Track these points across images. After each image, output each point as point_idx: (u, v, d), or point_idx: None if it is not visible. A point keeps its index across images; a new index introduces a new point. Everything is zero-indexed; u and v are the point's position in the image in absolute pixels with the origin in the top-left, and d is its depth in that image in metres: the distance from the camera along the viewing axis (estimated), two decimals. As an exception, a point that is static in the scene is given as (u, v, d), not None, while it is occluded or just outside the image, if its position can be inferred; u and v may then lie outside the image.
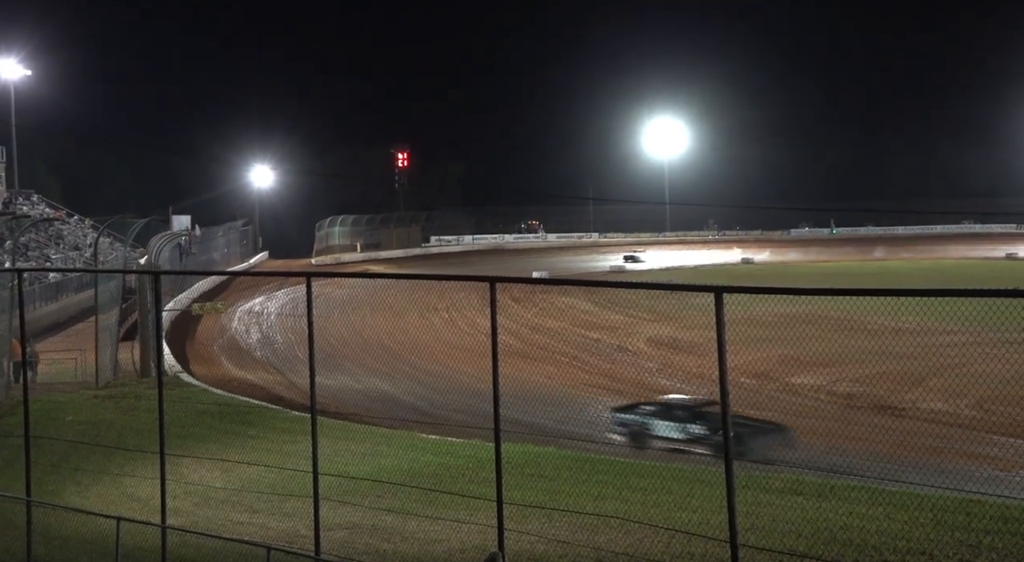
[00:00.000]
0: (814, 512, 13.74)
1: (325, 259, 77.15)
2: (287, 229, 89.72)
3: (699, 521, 12.88)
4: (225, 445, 20.63)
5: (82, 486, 17.47)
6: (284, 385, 32.30)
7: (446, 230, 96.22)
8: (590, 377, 32.12)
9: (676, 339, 36.75)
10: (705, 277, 66.96)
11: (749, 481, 14.50)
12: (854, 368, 28.50)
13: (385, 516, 14.64)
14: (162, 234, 44.38)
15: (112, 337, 32.98)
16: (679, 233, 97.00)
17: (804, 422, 22.15)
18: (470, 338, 39.81)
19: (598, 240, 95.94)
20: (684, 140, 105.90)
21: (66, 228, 64.71)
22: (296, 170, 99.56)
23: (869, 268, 68.66)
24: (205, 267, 59.03)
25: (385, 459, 18.85)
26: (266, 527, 14.88)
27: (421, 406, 28.28)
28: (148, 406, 23.68)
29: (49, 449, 17.78)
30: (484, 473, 14.53)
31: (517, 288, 48.57)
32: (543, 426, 22.15)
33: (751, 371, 29.45)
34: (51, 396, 26.94)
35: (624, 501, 14.82)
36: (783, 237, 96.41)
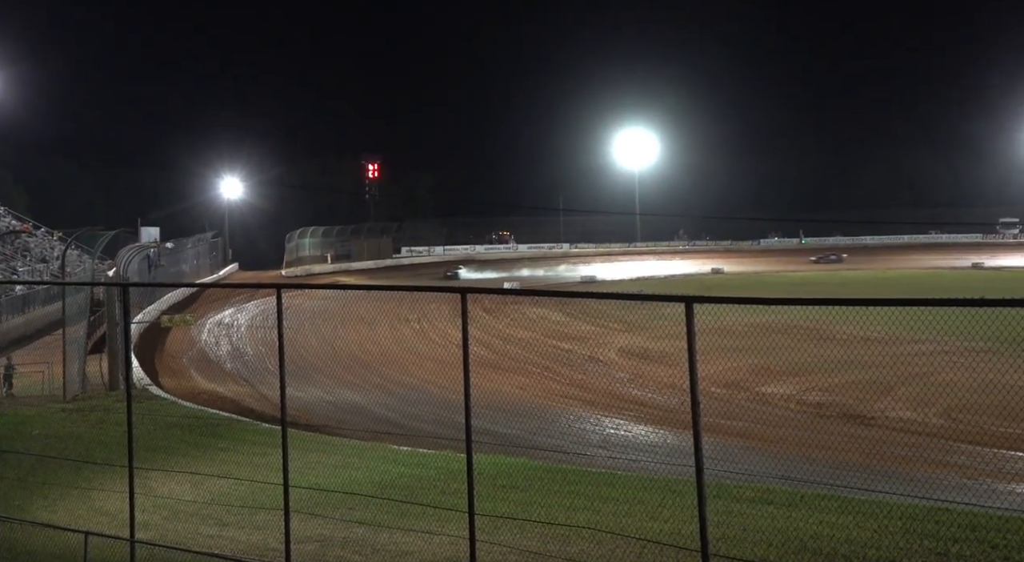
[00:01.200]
0: (784, 521, 13.81)
1: (296, 271, 76.88)
2: (257, 241, 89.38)
3: (671, 531, 12.91)
4: (195, 458, 20.48)
5: (50, 500, 17.29)
6: (254, 397, 32.13)
7: (417, 241, 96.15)
8: (562, 387, 32.15)
9: (647, 349, 36.87)
10: (676, 287, 67.20)
11: (720, 490, 14.55)
12: (824, 377, 28.69)
13: (356, 528, 14.58)
14: (130, 246, 44.09)
15: (80, 350, 32.71)
16: (650, 243, 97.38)
17: (774, 431, 22.27)
18: (441, 349, 39.78)
19: (569, 251, 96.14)
20: (655, 151, 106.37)
21: (33, 240, 64.13)
22: (266, 181, 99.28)
23: (838, 277, 69.16)
24: (174, 279, 58.63)
25: (356, 471, 18.78)
26: (236, 540, 14.78)
27: (392, 417, 28.20)
28: (117, 419, 23.50)
29: (16, 463, 17.60)
30: (456, 484, 14.53)
31: (488, 299, 48.58)
32: (515, 437, 22.17)
33: (722, 381, 29.58)
34: (18, 409, 26.69)
35: (596, 512, 14.83)
36: (753, 247, 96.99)
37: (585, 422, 27.19)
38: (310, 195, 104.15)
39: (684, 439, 20.30)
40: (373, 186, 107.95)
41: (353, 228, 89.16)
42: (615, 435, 25.81)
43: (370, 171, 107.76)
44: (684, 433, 21.33)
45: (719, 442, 20.16)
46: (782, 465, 18.26)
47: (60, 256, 47.80)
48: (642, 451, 22.66)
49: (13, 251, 58.04)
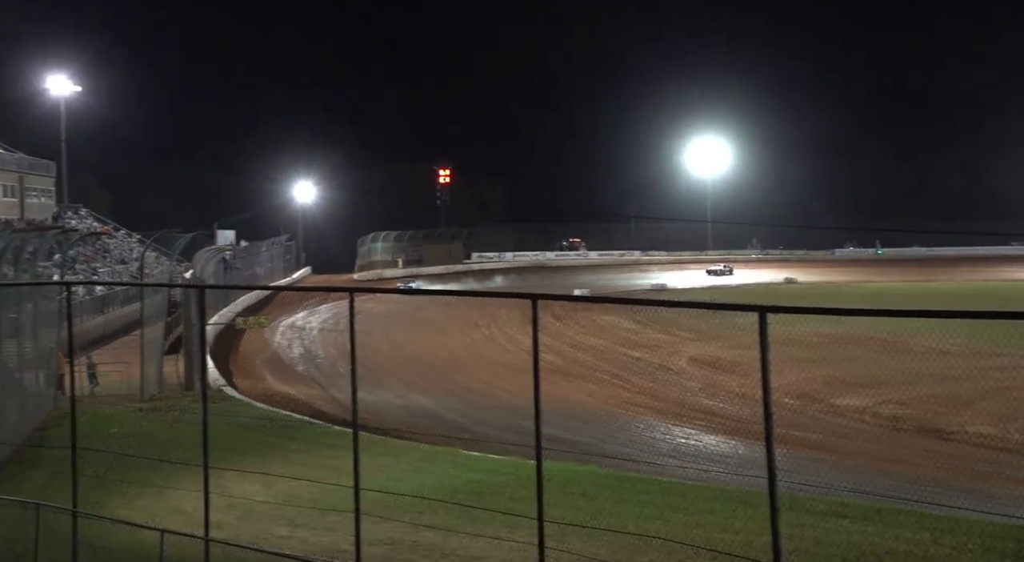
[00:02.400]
0: (859, 536, 13.59)
1: (367, 274, 77.53)
2: (330, 245, 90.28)
3: (742, 542, 12.78)
4: (267, 459, 20.75)
5: (127, 498, 17.63)
6: (326, 400, 32.46)
7: (488, 246, 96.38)
8: (631, 396, 31.99)
9: (718, 359, 36.53)
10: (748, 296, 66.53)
11: (792, 503, 14.36)
12: (900, 390, 28.15)
13: (426, 532, 14.65)
14: (207, 248, 44.81)
15: (157, 350, 33.31)
16: (722, 252, 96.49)
17: (848, 444, 21.94)
18: (511, 355, 39.83)
19: (640, 258, 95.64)
20: (727, 158, 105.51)
21: (113, 242, 65.58)
22: (339, 186, 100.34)
23: (915, 289, 67.91)
24: (249, 282, 59.52)
25: (426, 475, 18.88)
26: (307, 542, 14.94)
27: (462, 422, 28.30)
28: (192, 419, 23.91)
29: (95, 461, 17.95)
30: (525, 491, 14.53)
31: (559, 306, 48.57)
32: (584, 444, 22.11)
33: (795, 392, 29.18)
34: (97, 408, 27.26)
35: (666, 521, 14.73)
36: (827, 257, 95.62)
37: (655, 431, 27.03)
38: (382, 200, 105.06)
39: (755, 450, 20.08)
40: (445, 191, 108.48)
41: (424, 233, 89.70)
42: (685, 444, 25.61)
43: (442, 176, 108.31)
44: (755, 444, 21.12)
45: (791, 454, 19.89)
46: (856, 478, 17.98)
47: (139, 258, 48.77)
48: (713, 461, 22.45)
49: (94, 252, 59.40)
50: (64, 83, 74.01)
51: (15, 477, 19.54)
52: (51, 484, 18.24)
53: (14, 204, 63.95)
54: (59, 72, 74.26)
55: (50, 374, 26.14)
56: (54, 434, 23.28)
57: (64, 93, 73.97)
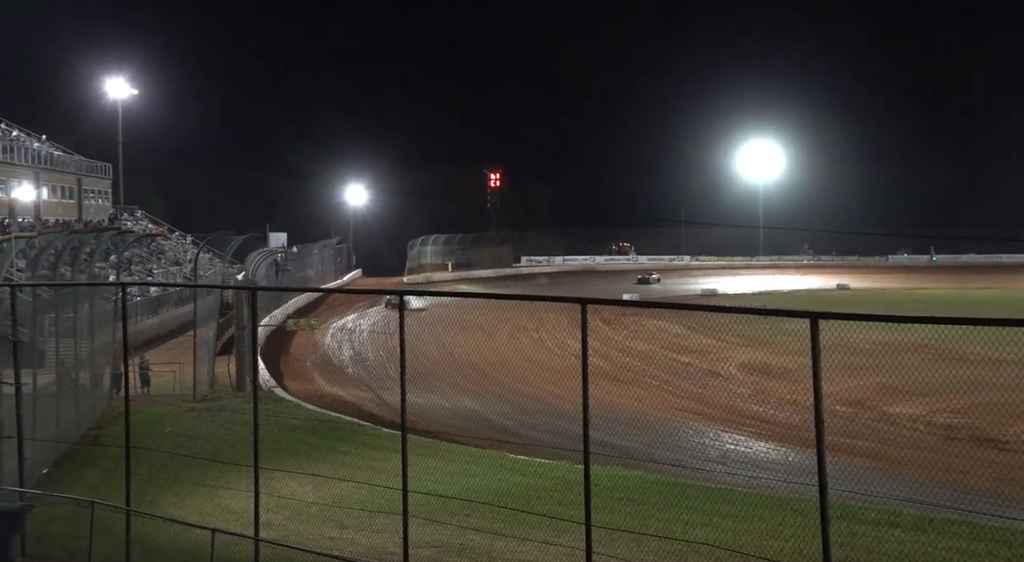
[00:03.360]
0: (911, 545, 13.42)
1: (417, 278, 77.86)
2: (380, 247, 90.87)
3: (791, 550, 12.68)
4: (317, 460, 20.93)
5: (179, 497, 17.86)
6: (375, 402, 32.62)
7: (537, 250, 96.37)
8: (680, 401, 31.81)
9: (768, 365, 36.21)
10: (799, 302, 65.93)
11: (844, 511, 14.22)
12: (954, 399, 27.72)
13: (473, 535, 14.68)
14: (259, 250, 45.24)
15: (210, 351, 33.70)
16: (773, 257, 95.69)
17: (901, 452, 21.66)
18: (559, 359, 39.75)
19: (690, 263, 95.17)
20: (779, 163, 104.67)
21: (167, 244, 66.46)
22: (389, 189, 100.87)
23: (970, 296, 66.88)
24: (300, 283, 60.02)
25: (474, 478, 18.92)
26: (356, 543, 15.04)
27: (510, 426, 28.31)
28: (243, 420, 24.17)
29: (148, 460, 18.21)
30: (572, 495, 14.51)
31: (607, 310, 48.37)
32: (632, 449, 22.00)
33: (846, 399, 28.87)
34: (150, 408, 27.64)
35: (714, 528, 14.64)
36: (880, 263, 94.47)
37: (703, 437, 26.85)
38: (432, 203, 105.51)
39: (806, 457, 19.89)
40: (495, 195, 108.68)
41: (474, 237, 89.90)
42: (734, 451, 25.42)
43: (492, 180, 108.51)
44: (805, 451, 20.92)
45: (842, 461, 19.67)
46: (909, 487, 17.74)
47: (192, 259, 49.37)
48: (762, 468, 22.26)
49: (149, 254, 60.22)
50: (122, 86, 75.15)
51: (70, 475, 19.87)
52: (105, 482, 18.52)
53: (72, 206, 65.04)
54: (117, 75, 75.42)
55: (97, 374, 26.51)
56: (108, 433, 23.64)
57: (121, 96, 75.11)
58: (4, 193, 53.85)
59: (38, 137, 65.66)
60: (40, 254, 27.80)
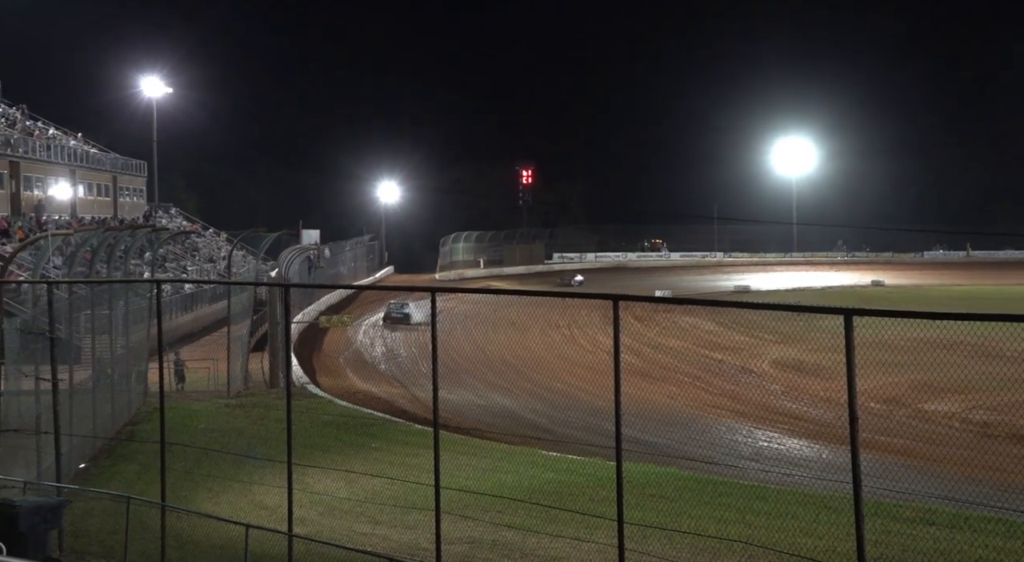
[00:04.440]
0: (947, 543, 13.31)
1: (449, 274, 77.99)
2: (412, 244, 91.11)
3: (825, 548, 12.61)
4: (349, 456, 21.01)
5: (213, 492, 17.99)
6: (407, 398, 32.73)
7: (569, 247, 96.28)
8: (713, 398, 31.69)
9: (802, 362, 36.01)
10: (833, 299, 65.47)
11: (878, 508, 14.12)
12: (991, 396, 27.46)
13: (505, 532, 14.70)
14: (292, 248, 45.48)
15: (243, 348, 33.93)
16: (807, 254, 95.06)
17: (936, 450, 21.47)
18: (591, 355, 39.68)
19: (723, 260, 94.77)
20: (813, 159, 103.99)
21: (201, 241, 66.92)
22: (422, 186, 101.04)
23: (1007, 293, 66.17)
24: (333, 280, 60.27)
25: (506, 475, 18.94)
26: (388, 539, 15.10)
27: (542, 423, 28.31)
28: (276, 416, 24.30)
29: (183, 455, 18.36)
30: (604, 492, 14.50)
31: (639, 307, 48.27)
32: (664, 446, 21.96)
33: (881, 396, 28.65)
34: (185, 404, 27.86)
35: (747, 525, 14.59)
36: (915, 260, 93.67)
37: (736, 433, 26.75)
38: (464, 200, 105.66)
39: (840, 454, 19.77)
40: (527, 192, 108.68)
41: (506, 233, 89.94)
42: (767, 448, 25.30)
43: (524, 177, 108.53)
44: (840, 448, 20.78)
45: (877, 459, 19.54)
46: (944, 485, 17.58)
47: (226, 256, 49.70)
48: (796, 465, 22.15)
49: (183, 251, 60.67)
50: (156, 84, 75.71)
51: (107, 470, 20.07)
52: (141, 478, 18.70)
53: (108, 203, 65.62)
54: (152, 74, 76.00)
55: (133, 370, 26.76)
56: (143, 429, 23.86)
57: (156, 94, 75.68)
58: (41, 191, 54.40)
59: (74, 135, 66.28)
60: (76, 251, 28.10)
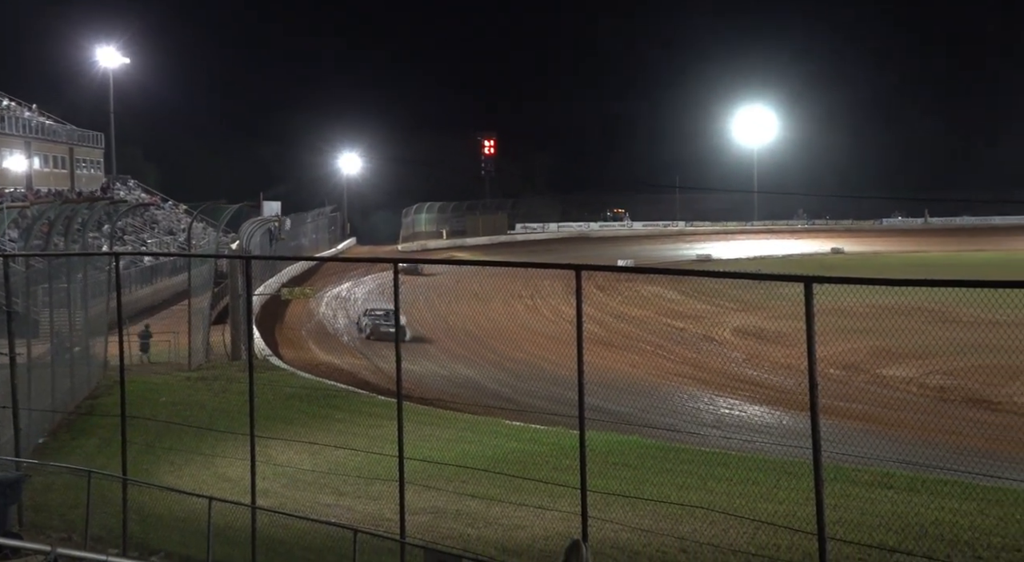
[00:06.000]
0: (904, 506, 13.51)
1: (411, 246, 77.76)
2: (374, 216, 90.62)
3: (786, 513, 12.76)
4: (313, 428, 20.98)
5: (175, 466, 17.91)
6: (370, 370, 32.69)
7: (532, 218, 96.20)
8: (675, 366, 31.91)
9: (763, 329, 36.30)
10: (794, 267, 66.00)
11: (837, 473, 14.29)
12: (947, 361, 27.86)
13: (469, 501, 14.76)
14: (253, 219, 45.11)
15: (204, 320, 33.70)
16: (767, 222, 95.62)
17: (894, 415, 21.76)
18: (554, 325, 39.78)
19: (684, 229, 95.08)
20: (774, 128, 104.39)
21: (160, 213, 66.27)
22: (383, 157, 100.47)
23: (964, 259, 66.97)
24: (294, 252, 59.91)
25: (469, 445, 18.99)
26: (352, 510, 15.11)
27: (505, 393, 28.39)
28: (239, 389, 24.19)
29: (144, 429, 18.25)
30: (568, 461, 14.58)
31: (602, 276, 48.36)
32: (627, 415, 22.11)
33: (840, 362, 28.97)
34: (146, 377, 27.65)
35: (709, 491, 14.73)
36: (875, 227, 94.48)
37: (698, 401, 26.96)
38: (426, 171, 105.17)
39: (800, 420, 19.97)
40: (489, 162, 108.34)
41: (468, 204, 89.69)
42: (729, 415, 25.54)
43: (486, 148, 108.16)
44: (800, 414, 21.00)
45: (837, 424, 19.77)
46: (902, 449, 17.84)
47: (186, 229, 49.26)
48: (756, 432, 22.38)
49: (143, 223, 60.06)
50: (113, 55, 74.57)
51: (67, 445, 19.91)
52: (102, 452, 18.57)
53: (64, 175, 64.77)
54: (108, 44, 74.84)
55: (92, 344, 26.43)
56: (104, 403, 23.67)
57: (112, 65, 74.56)
58: (-5, 163, 53.62)
59: (29, 106, 65.24)
60: (33, 224, 27.73)
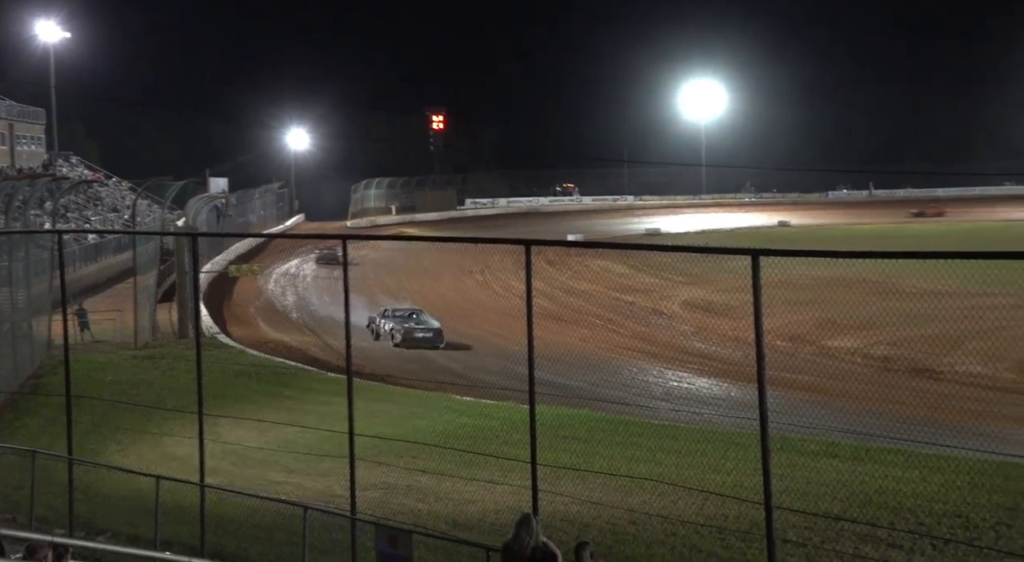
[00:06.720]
0: (849, 475, 13.74)
1: (360, 222, 77.31)
2: (323, 192, 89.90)
3: (733, 483, 12.91)
4: (262, 406, 20.86)
5: (122, 445, 17.74)
6: (320, 347, 32.54)
7: (481, 193, 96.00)
8: (624, 340, 32.08)
9: (711, 302, 36.60)
10: (741, 240, 66.57)
11: (784, 443, 14.46)
12: (891, 331, 28.27)
13: (420, 477, 14.78)
14: (199, 196, 44.61)
15: (150, 298, 33.31)
16: (716, 196, 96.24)
17: (840, 385, 22.04)
18: (504, 300, 39.86)
19: (633, 203, 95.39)
20: (722, 102, 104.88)
21: (104, 190, 65.23)
22: (332, 133, 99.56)
23: (908, 231, 67.93)
24: (242, 229, 59.35)
25: (420, 420, 19.01)
26: (303, 487, 15.07)
27: (455, 368, 28.41)
28: (186, 367, 23.96)
29: (90, 408, 18.04)
30: (518, 435, 14.62)
31: (552, 251, 48.48)
32: (577, 389, 22.22)
33: (787, 334, 29.29)
34: (91, 356, 27.29)
35: (658, 463, 14.87)
36: (821, 200, 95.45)
37: (648, 374, 27.16)
38: (375, 147, 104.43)
39: (748, 392, 20.19)
40: (438, 138, 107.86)
41: (417, 180, 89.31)
42: (678, 387, 25.76)
43: (435, 123, 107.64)
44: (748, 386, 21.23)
45: (783, 395, 19.88)
46: (847, 419, 18.11)
47: (131, 206, 48.60)
48: (705, 404, 22.60)
49: (85, 200, 59.12)
50: (53, 29, 73.05)
51: (10, 425, 19.65)
52: (46, 432, 18.33)
53: (4, 152, 63.54)
54: (48, 18, 73.28)
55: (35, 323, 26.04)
56: (48, 382, 23.35)
57: (53, 40, 73.06)
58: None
59: (-35, 82, 63.91)
60: (-28, 203, 27.16)
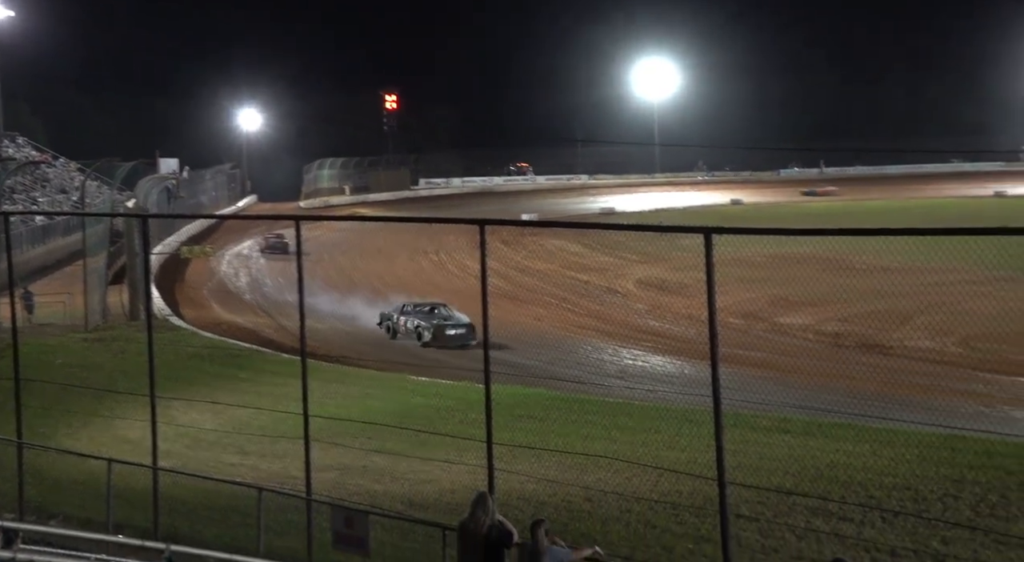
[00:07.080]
0: (801, 450, 13.92)
1: (314, 202, 76.82)
2: (275, 172, 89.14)
3: (687, 460, 13.02)
4: (216, 388, 20.72)
5: (73, 429, 17.56)
6: (274, 328, 32.34)
7: (435, 173, 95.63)
8: (579, 319, 32.20)
9: (665, 280, 36.78)
10: (694, 218, 66.92)
11: (737, 420, 14.58)
12: (842, 307, 28.63)
13: (376, 457, 14.77)
14: (150, 177, 44.09)
15: (101, 280, 32.92)
16: (669, 174, 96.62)
17: (791, 361, 22.28)
18: (459, 280, 39.83)
19: (587, 182, 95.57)
20: (674, 81, 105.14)
21: (52, 171, 64.24)
22: (284, 113, 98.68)
23: (859, 208, 68.66)
24: (193, 210, 58.73)
25: (375, 401, 18.99)
26: (257, 468, 15.01)
27: (411, 348, 28.37)
28: (138, 349, 23.70)
29: (39, 392, 17.79)
30: (474, 414, 14.65)
31: (506, 231, 48.47)
32: (533, 368, 22.29)
33: (740, 311, 29.55)
34: (40, 339, 26.93)
35: (613, 441, 14.97)
36: (773, 178, 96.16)
37: (602, 353, 27.29)
38: (328, 127, 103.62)
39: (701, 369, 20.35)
40: (391, 118, 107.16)
41: (371, 160, 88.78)
42: (632, 365, 25.91)
43: (388, 102, 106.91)
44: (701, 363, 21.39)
45: (736, 372, 20.16)
46: (799, 395, 18.31)
47: (80, 187, 47.95)
48: (659, 381, 22.76)
49: (33, 182, 58.21)
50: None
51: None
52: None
53: (-53, 134, 62.38)
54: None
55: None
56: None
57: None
58: None
59: (-94, 62, 62.53)
60: (-85, 185, 26.66)
